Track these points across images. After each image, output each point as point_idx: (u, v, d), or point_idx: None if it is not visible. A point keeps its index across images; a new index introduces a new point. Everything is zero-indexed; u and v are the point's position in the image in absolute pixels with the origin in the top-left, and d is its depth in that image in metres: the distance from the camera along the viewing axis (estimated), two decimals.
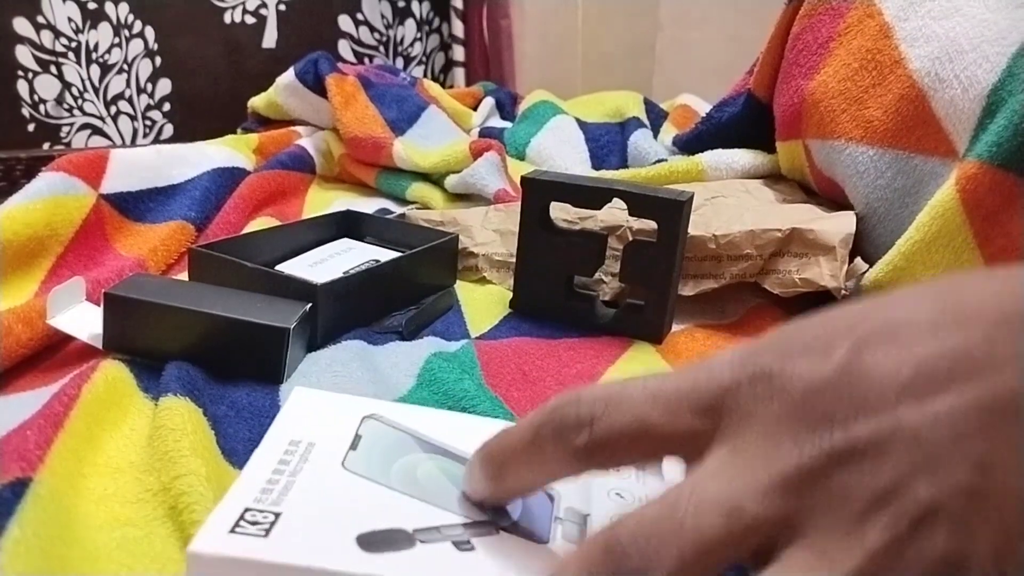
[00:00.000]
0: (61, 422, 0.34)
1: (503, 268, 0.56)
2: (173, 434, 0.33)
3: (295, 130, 0.89)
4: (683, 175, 0.68)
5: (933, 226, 0.43)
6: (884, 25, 0.51)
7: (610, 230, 0.52)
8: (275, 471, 0.27)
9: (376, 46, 1.67)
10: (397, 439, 0.30)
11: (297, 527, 0.24)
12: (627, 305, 0.49)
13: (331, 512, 0.25)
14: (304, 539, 0.23)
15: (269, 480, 0.26)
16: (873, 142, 0.51)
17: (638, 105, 0.98)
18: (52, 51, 1.34)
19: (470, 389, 0.38)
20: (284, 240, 0.55)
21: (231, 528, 0.23)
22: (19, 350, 0.42)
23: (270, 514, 0.24)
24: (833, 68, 0.55)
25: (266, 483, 0.26)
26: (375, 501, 0.26)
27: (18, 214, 0.52)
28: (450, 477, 0.28)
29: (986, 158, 0.41)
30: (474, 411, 0.37)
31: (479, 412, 0.37)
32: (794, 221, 0.49)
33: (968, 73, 0.44)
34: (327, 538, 0.24)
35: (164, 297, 0.40)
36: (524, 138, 0.91)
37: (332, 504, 0.25)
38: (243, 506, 0.25)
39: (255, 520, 0.24)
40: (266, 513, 0.24)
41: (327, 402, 0.32)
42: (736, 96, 0.73)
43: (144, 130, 1.47)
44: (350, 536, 0.24)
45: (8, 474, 0.29)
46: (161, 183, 0.65)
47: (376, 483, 0.27)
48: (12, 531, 0.26)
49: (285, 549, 0.23)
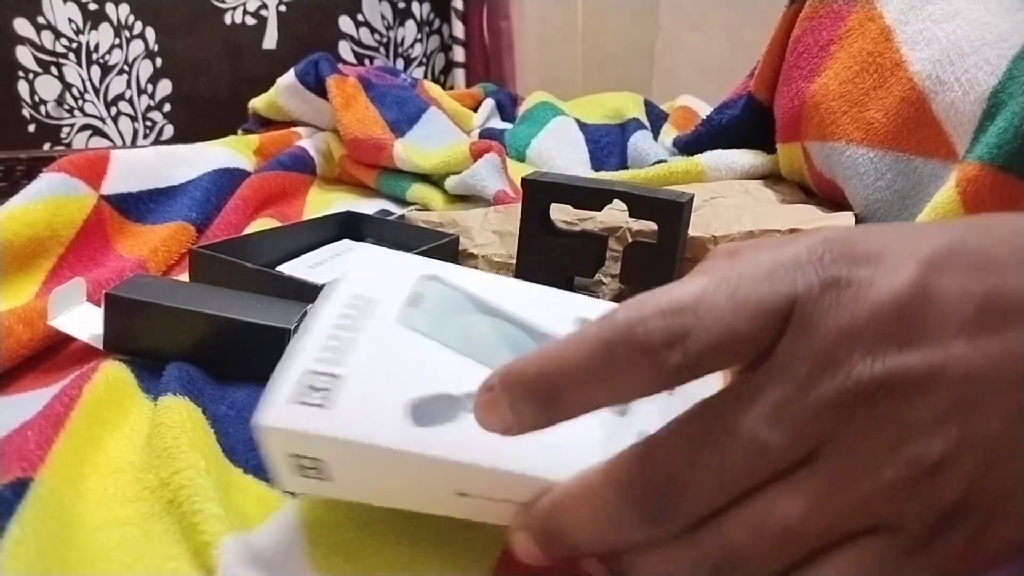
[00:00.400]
0: (62, 422, 0.34)
1: (503, 269, 0.56)
2: (172, 431, 0.33)
3: (295, 131, 0.89)
4: (683, 176, 0.68)
5: None
6: (885, 28, 0.51)
7: (610, 231, 0.52)
8: (336, 327, 0.27)
9: (376, 47, 1.67)
10: (455, 298, 0.30)
11: (357, 394, 0.25)
12: None
13: (387, 377, 0.25)
14: (363, 410, 0.24)
15: (330, 337, 0.27)
16: (873, 144, 0.51)
17: (638, 106, 0.98)
18: (53, 52, 1.35)
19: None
20: (285, 241, 0.55)
21: (294, 396, 0.24)
22: (20, 351, 0.42)
23: (331, 377, 0.25)
24: (834, 71, 0.55)
25: (328, 340, 0.26)
26: (430, 361, 0.27)
27: (19, 215, 0.52)
28: (505, 339, 0.28)
29: (987, 160, 0.41)
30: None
31: None
32: (794, 222, 0.49)
33: (969, 76, 0.44)
34: (384, 408, 0.24)
35: (165, 298, 0.40)
36: (524, 139, 0.91)
37: (389, 365, 0.26)
38: (305, 367, 0.25)
39: (316, 386, 0.25)
40: (327, 376, 0.25)
41: (388, 259, 0.32)
42: (736, 99, 0.74)
43: (145, 131, 1.47)
44: (406, 405, 0.25)
45: (9, 474, 0.29)
46: (162, 184, 0.65)
47: (431, 339, 0.27)
48: (12, 531, 0.26)
49: (345, 424, 0.24)
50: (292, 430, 0.24)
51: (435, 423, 0.24)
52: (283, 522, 0.31)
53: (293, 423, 0.24)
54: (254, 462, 0.34)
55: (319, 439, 0.24)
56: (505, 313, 0.30)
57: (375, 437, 0.24)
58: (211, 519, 0.28)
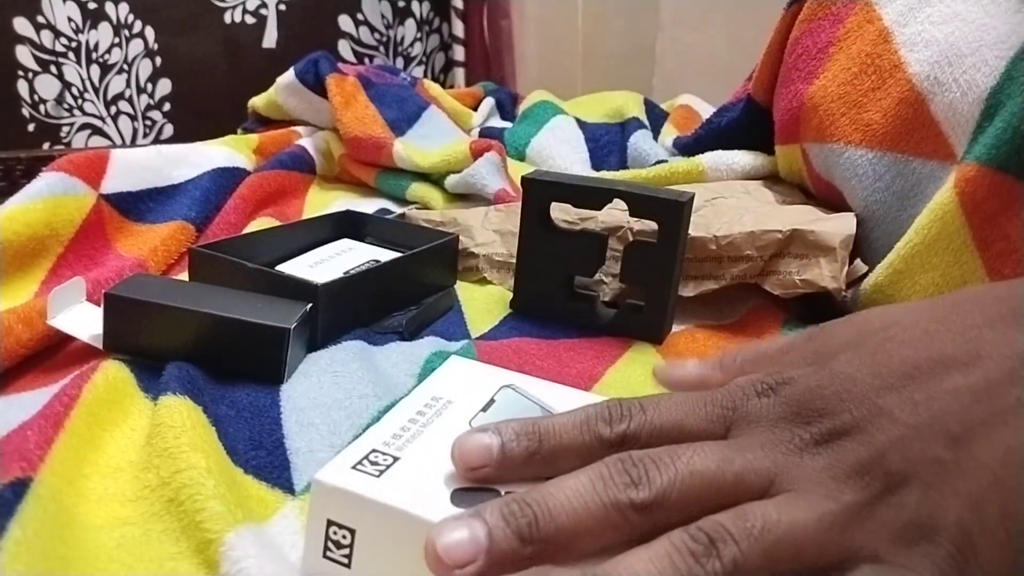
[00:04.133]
0: (62, 422, 0.34)
1: (503, 268, 0.56)
2: (172, 431, 0.33)
3: (295, 130, 0.89)
4: (683, 176, 0.68)
5: (932, 229, 0.43)
6: (884, 30, 0.51)
7: (610, 231, 0.52)
8: (410, 420, 0.29)
9: (376, 46, 1.67)
10: (527, 408, 0.31)
11: (408, 473, 0.26)
12: (627, 305, 0.49)
13: (440, 465, 0.27)
14: (408, 485, 0.26)
15: (402, 427, 0.29)
16: (872, 145, 0.51)
17: (638, 105, 0.98)
18: (52, 51, 1.34)
19: None
20: (284, 240, 0.55)
21: (353, 464, 0.26)
22: (19, 350, 0.42)
23: (390, 457, 0.27)
24: (832, 72, 0.55)
25: (399, 429, 0.29)
26: None
27: (18, 214, 0.52)
28: None
29: (985, 161, 0.41)
30: None
31: None
32: (794, 222, 0.49)
33: (967, 77, 0.44)
34: (427, 488, 0.26)
35: (164, 297, 0.40)
36: (524, 138, 0.91)
37: (445, 458, 0.27)
38: (371, 447, 0.28)
39: (376, 461, 0.27)
40: (387, 456, 0.27)
41: (475, 370, 0.34)
42: (736, 102, 0.74)
43: (144, 130, 1.47)
44: (449, 488, 0.26)
45: (9, 474, 0.29)
46: (161, 183, 0.65)
47: None
48: (12, 531, 0.26)
49: (385, 491, 0.25)
50: (339, 488, 0.26)
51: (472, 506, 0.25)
52: (284, 523, 0.31)
53: (343, 482, 0.26)
54: (254, 462, 0.34)
55: (359, 500, 0.25)
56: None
57: (411, 506, 0.25)
58: (215, 516, 0.28)
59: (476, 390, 0.32)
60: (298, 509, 0.32)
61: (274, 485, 0.33)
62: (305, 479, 0.34)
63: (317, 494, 0.26)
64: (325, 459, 0.35)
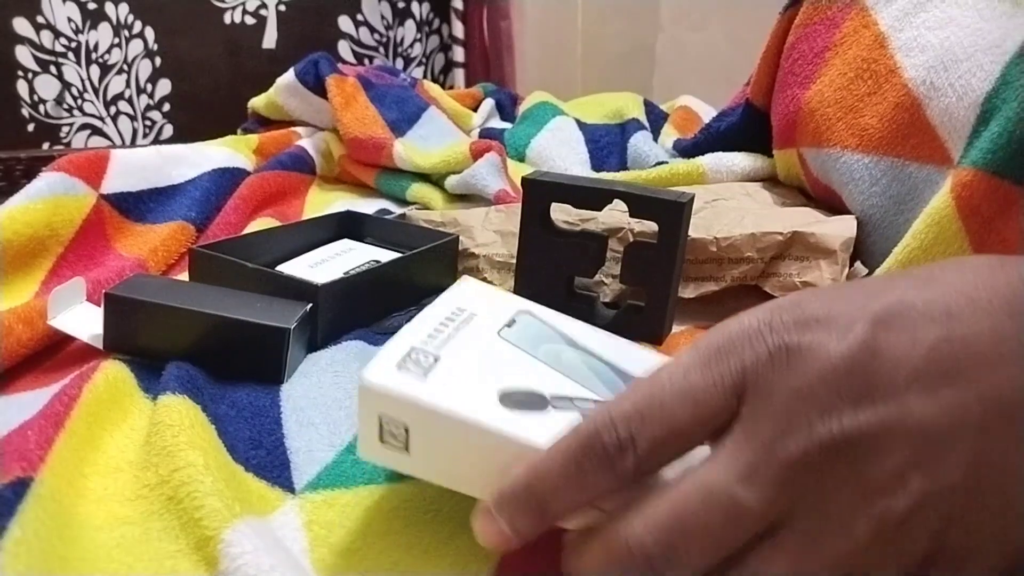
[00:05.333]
0: (62, 422, 0.34)
1: (504, 269, 0.56)
2: (171, 430, 0.33)
3: (295, 131, 0.89)
4: (684, 177, 0.68)
5: (929, 233, 0.43)
6: (879, 35, 0.51)
7: (611, 231, 0.52)
8: (442, 323, 0.30)
9: (376, 47, 1.67)
10: (547, 330, 0.33)
11: (452, 373, 0.27)
12: (627, 306, 0.49)
13: (482, 365, 0.28)
14: (456, 386, 0.27)
15: (436, 328, 0.30)
16: (868, 150, 0.51)
17: (638, 106, 0.98)
18: (52, 51, 1.34)
19: None
20: (284, 241, 0.55)
21: (398, 363, 0.27)
22: (20, 350, 0.42)
23: (431, 356, 0.28)
24: (829, 77, 0.55)
25: (433, 330, 0.30)
26: (521, 366, 0.29)
27: (18, 214, 0.52)
28: (589, 366, 0.31)
29: (981, 165, 0.41)
30: None
31: None
32: (795, 224, 0.49)
33: (963, 82, 0.44)
34: (474, 390, 0.27)
35: (165, 297, 0.40)
36: (524, 139, 0.91)
37: (484, 359, 0.29)
38: (410, 344, 0.28)
39: (418, 360, 0.27)
40: (428, 355, 0.28)
41: (489, 291, 0.35)
42: (735, 107, 0.74)
43: (144, 130, 1.47)
44: (494, 391, 0.27)
45: (9, 474, 0.29)
46: (161, 183, 0.65)
47: (525, 352, 0.30)
48: (12, 531, 0.26)
49: (438, 394, 0.26)
50: (390, 391, 0.26)
51: (521, 410, 0.26)
52: (283, 521, 0.31)
53: (393, 385, 0.26)
54: (255, 461, 0.34)
55: (413, 404, 0.26)
56: (591, 350, 0.33)
57: (463, 410, 0.26)
58: (213, 513, 0.28)
59: (496, 308, 0.33)
60: (298, 507, 0.32)
61: (274, 484, 0.33)
62: (305, 478, 0.34)
63: (366, 395, 0.26)
64: (325, 458, 0.35)
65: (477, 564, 0.29)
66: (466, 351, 0.29)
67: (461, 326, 0.30)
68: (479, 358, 0.29)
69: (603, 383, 0.30)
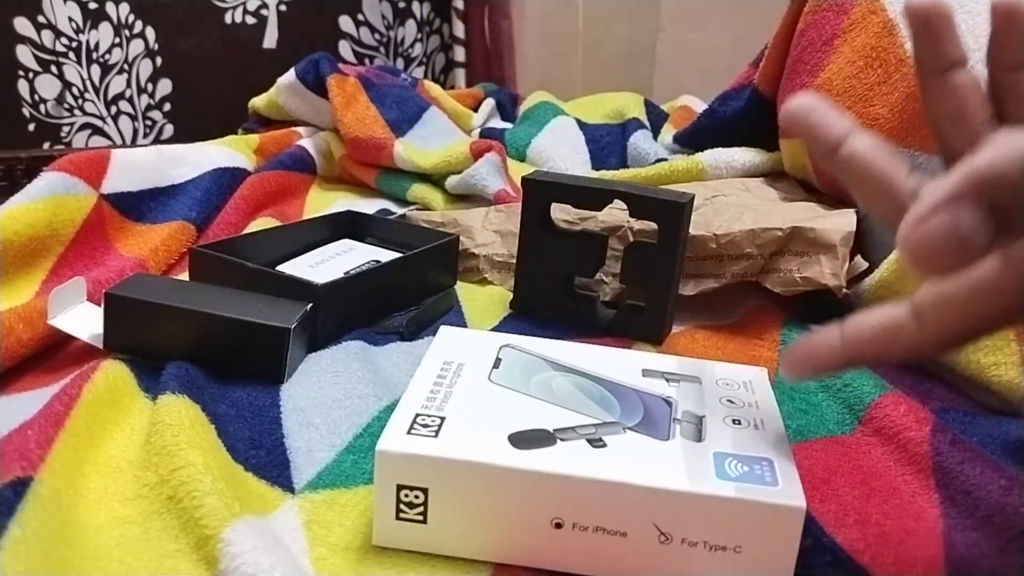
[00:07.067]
0: (62, 422, 0.34)
1: (504, 269, 0.56)
2: (171, 429, 0.33)
3: (296, 131, 0.89)
4: (683, 174, 0.68)
5: None
6: (888, 22, 0.51)
7: (611, 231, 0.52)
8: (435, 383, 0.32)
9: (376, 47, 1.67)
10: (531, 361, 0.35)
11: (460, 428, 0.29)
12: (627, 306, 0.49)
13: (485, 415, 0.30)
14: (467, 439, 0.29)
15: (431, 391, 0.32)
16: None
17: (639, 106, 0.98)
18: (53, 51, 1.34)
19: None
20: (285, 240, 0.55)
21: (408, 430, 0.29)
22: (20, 350, 0.42)
23: (437, 418, 0.30)
24: (838, 66, 0.55)
25: (429, 392, 0.32)
26: (520, 407, 0.31)
27: (19, 214, 0.52)
28: (580, 388, 0.33)
29: None
30: None
31: None
32: (795, 220, 0.49)
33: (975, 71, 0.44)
34: (485, 438, 0.29)
35: (165, 297, 0.40)
36: (524, 139, 0.91)
37: (485, 408, 0.31)
38: (414, 412, 0.30)
39: (425, 423, 0.29)
40: (433, 417, 0.30)
41: (469, 336, 0.38)
42: (739, 89, 0.73)
43: (144, 130, 1.47)
44: (503, 436, 0.29)
45: (9, 473, 0.29)
46: (162, 183, 0.65)
47: (518, 392, 0.32)
48: (12, 531, 0.26)
49: (453, 447, 0.28)
50: (409, 454, 0.28)
51: (533, 447, 0.28)
52: (283, 520, 0.31)
53: (411, 449, 0.28)
54: (254, 460, 0.34)
55: (430, 461, 0.28)
56: (577, 369, 0.35)
57: (480, 456, 0.28)
58: (212, 512, 0.28)
59: (480, 351, 0.36)
60: (298, 507, 0.32)
61: (274, 483, 0.33)
62: (305, 478, 0.34)
63: (384, 464, 0.28)
64: (325, 458, 0.35)
65: (477, 565, 0.29)
66: (466, 405, 0.31)
67: (454, 380, 0.33)
68: (480, 409, 0.31)
69: (596, 403, 0.32)
